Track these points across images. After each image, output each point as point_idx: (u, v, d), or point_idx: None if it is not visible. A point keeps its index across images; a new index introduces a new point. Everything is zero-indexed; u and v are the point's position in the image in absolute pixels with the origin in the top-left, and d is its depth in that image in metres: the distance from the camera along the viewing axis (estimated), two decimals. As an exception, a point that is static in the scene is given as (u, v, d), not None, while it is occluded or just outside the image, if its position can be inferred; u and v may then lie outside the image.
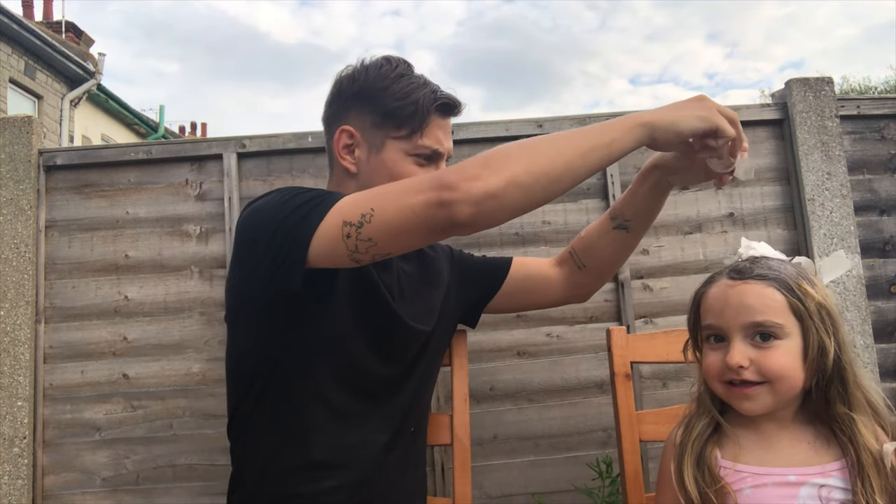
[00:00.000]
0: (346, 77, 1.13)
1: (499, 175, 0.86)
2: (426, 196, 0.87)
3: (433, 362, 1.25)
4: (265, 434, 1.08)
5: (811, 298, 0.88)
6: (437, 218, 0.87)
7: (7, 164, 1.77)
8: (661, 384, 1.78)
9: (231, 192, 1.80)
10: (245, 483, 1.10)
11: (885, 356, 1.80)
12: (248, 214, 1.04)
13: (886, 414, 0.90)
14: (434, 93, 1.10)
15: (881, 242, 1.86)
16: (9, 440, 1.67)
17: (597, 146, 0.91)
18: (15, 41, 9.56)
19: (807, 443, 0.90)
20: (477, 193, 0.85)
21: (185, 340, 1.76)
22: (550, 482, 1.72)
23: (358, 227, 0.90)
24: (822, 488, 0.85)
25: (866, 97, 1.93)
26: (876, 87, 16.69)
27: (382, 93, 1.09)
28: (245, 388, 1.09)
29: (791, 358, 0.87)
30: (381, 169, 1.09)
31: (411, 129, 1.08)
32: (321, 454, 1.06)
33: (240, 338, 1.11)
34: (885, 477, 0.84)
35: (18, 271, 1.74)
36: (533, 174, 0.87)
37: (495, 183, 0.85)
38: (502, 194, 0.86)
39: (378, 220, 0.89)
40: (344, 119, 1.12)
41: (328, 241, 0.92)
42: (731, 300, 0.90)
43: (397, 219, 0.89)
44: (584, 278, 1.27)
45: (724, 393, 0.92)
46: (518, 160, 0.88)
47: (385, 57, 1.13)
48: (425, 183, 0.88)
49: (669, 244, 1.84)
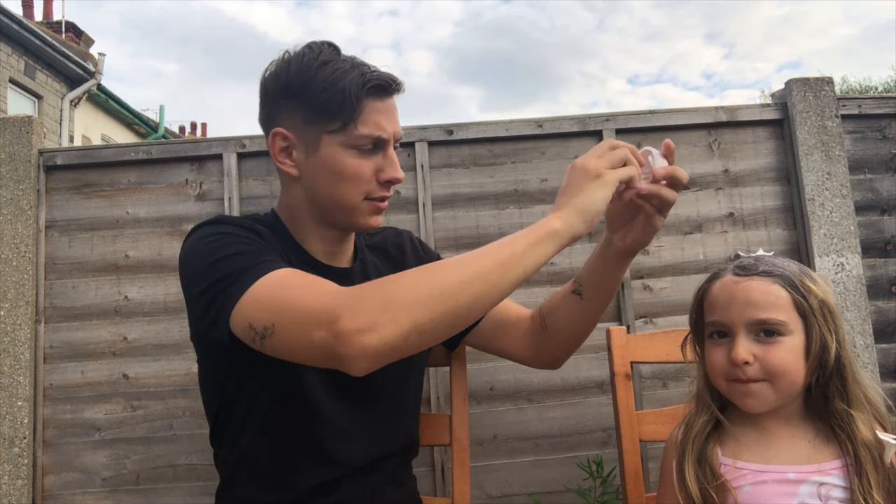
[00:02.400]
0: (271, 76, 1.04)
1: (398, 324, 0.78)
2: (321, 337, 0.80)
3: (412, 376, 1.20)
4: (238, 455, 1.07)
5: (814, 296, 0.88)
6: (329, 363, 0.82)
7: (7, 164, 1.77)
8: (661, 384, 1.78)
9: (231, 192, 1.80)
10: (227, 495, 1.10)
11: (885, 356, 1.79)
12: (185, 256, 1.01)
13: (884, 411, 0.91)
14: (363, 75, 0.99)
15: (882, 242, 1.86)
16: (9, 440, 1.67)
17: (506, 266, 0.83)
18: (15, 41, 9.56)
19: (807, 441, 0.90)
20: (373, 348, 0.78)
21: (185, 340, 1.75)
22: (550, 482, 1.72)
23: (261, 338, 0.86)
24: (822, 486, 0.85)
25: (867, 97, 1.93)
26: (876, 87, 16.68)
27: (307, 85, 0.99)
28: (213, 415, 1.09)
29: (794, 354, 0.88)
30: (321, 168, 1.02)
31: (344, 119, 0.98)
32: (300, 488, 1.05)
33: (201, 362, 1.10)
34: (884, 473, 0.84)
35: (18, 271, 1.74)
36: (435, 318, 0.79)
37: (394, 334, 0.78)
38: (402, 346, 0.79)
39: (278, 339, 0.85)
40: (276, 121, 1.04)
41: (241, 331, 0.89)
42: (737, 296, 0.90)
43: (294, 348, 0.85)
44: (546, 340, 1.17)
45: (726, 389, 0.92)
46: (420, 302, 0.79)
47: (307, 45, 1.03)
48: (322, 317, 0.81)
49: (669, 244, 1.83)
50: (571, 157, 1.86)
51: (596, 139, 1.86)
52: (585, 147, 1.85)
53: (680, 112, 1.87)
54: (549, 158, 1.86)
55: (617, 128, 1.85)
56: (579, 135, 1.86)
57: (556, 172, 1.85)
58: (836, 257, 1.78)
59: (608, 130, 1.85)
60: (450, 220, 1.83)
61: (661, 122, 1.85)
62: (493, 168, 1.85)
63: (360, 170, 1.01)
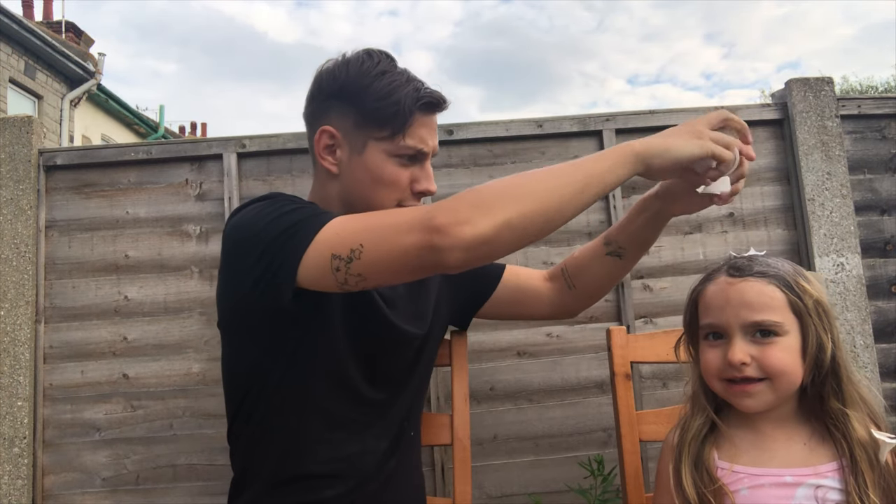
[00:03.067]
0: (327, 73, 1.09)
1: (491, 218, 0.83)
2: (416, 238, 0.84)
3: (428, 366, 1.24)
4: (262, 445, 1.08)
5: (809, 296, 0.88)
6: (427, 262, 0.85)
7: (7, 164, 1.77)
8: (661, 384, 1.78)
9: (231, 192, 1.80)
10: (245, 491, 1.09)
11: (885, 356, 1.79)
12: (235, 226, 1.02)
13: (878, 409, 0.91)
14: (417, 91, 1.06)
15: (882, 242, 1.86)
16: (9, 440, 1.67)
17: (590, 181, 0.89)
18: (15, 41, 9.56)
19: (802, 443, 0.90)
20: (468, 239, 0.82)
21: (185, 340, 1.76)
22: (550, 482, 1.72)
23: (347, 262, 0.88)
24: (819, 489, 0.85)
25: (867, 97, 1.93)
26: (877, 87, 16.69)
27: (363, 92, 1.04)
28: (240, 399, 1.09)
29: (791, 354, 0.87)
30: (362, 171, 1.07)
31: (393, 129, 1.04)
32: (320, 465, 1.06)
33: (232, 348, 1.11)
34: (879, 472, 0.84)
35: (18, 271, 1.74)
36: (526, 216, 0.84)
37: (487, 227, 0.82)
38: (495, 239, 0.83)
39: (368, 257, 0.87)
40: (324, 119, 1.08)
41: (317, 271, 0.90)
42: (732, 298, 0.90)
43: (387, 258, 0.87)
44: (572, 298, 1.26)
45: (722, 391, 0.91)
46: (511, 201, 0.84)
47: (367, 51, 1.08)
48: (415, 222, 0.86)
49: (669, 244, 1.83)
50: (571, 157, 1.86)
51: (596, 139, 1.86)
52: (585, 147, 1.85)
53: (680, 112, 1.87)
54: (549, 158, 1.86)
55: (617, 128, 1.85)
56: (579, 135, 1.86)
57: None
58: (836, 257, 1.78)
59: (608, 130, 1.85)
60: (450, 220, 1.82)
61: (661, 122, 1.85)
62: (493, 168, 1.85)
63: (399, 178, 1.07)
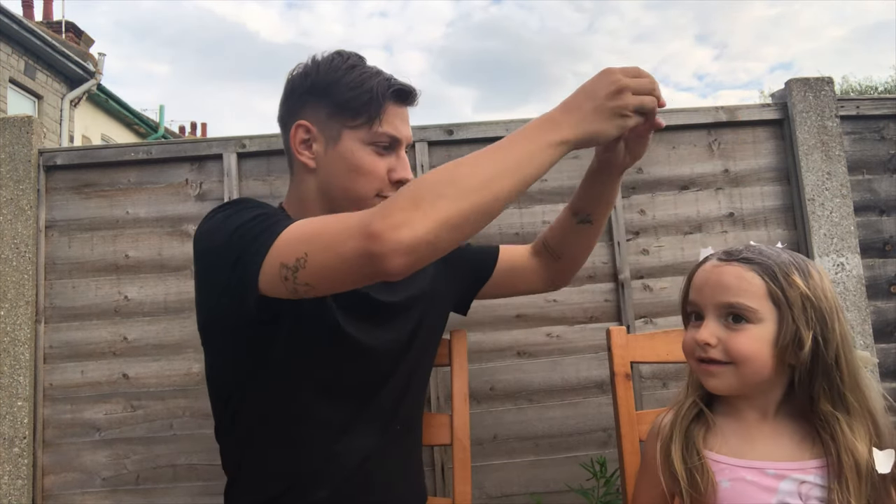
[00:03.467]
0: (298, 74, 1.11)
1: (429, 218, 0.80)
2: (354, 245, 0.82)
3: (421, 360, 1.22)
4: (248, 448, 1.08)
5: (796, 288, 0.86)
6: (366, 268, 0.83)
7: (7, 164, 1.77)
8: (661, 384, 1.78)
9: (231, 192, 1.80)
10: (235, 494, 1.10)
11: (885, 356, 1.80)
12: (202, 236, 1.02)
13: (883, 426, 0.87)
14: (388, 80, 1.09)
15: (881, 242, 1.86)
16: (9, 440, 1.67)
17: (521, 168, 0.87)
18: (15, 41, 9.56)
19: (788, 437, 0.89)
20: (407, 243, 0.79)
21: (185, 340, 1.76)
22: (550, 482, 1.72)
23: (294, 272, 0.87)
24: (803, 484, 0.84)
25: (866, 97, 1.93)
26: (876, 88, 16.70)
27: (335, 84, 1.07)
28: (223, 404, 1.09)
29: (759, 343, 0.87)
30: (339, 161, 1.08)
31: (368, 116, 1.06)
32: (307, 466, 1.06)
33: (211, 354, 1.11)
34: (866, 483, 0.82)
35: (18, 271, 1.74)
36: (463, 212, 0.82)
37: (425, 228, 0.80)
38: (434, 239, 0.81)
39: (312, 266, 0.86)
40: (299, 115, 1.10)
41: (270, 280, 0.89)
42: (711, 279, 0.91)
43: (330, 267, 0.86)
44: (560, 267, 1.31)
45: (695, 368, 0.93)
46: (447, 197, 0.81)
47: (336, 51, 1.12)
48: (353, 229, 0.83)
49: (669, 244, 1.84)
50: (571, 157, 1.85)
51: (596, 139, 1.86)
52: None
53: (680, 112, 1.87)
54: (548, 158, 1.86)
55: (617, 128, 1.85)
56: (579, 135, 1.86)
57: (556, 172, 1.85)
58: (836, 257, 1.78)
59: (608, 130, 1.85)
60: (450, 221, 1.83)
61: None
62: (493, 168, 1.85)
63: (376, 166, 1.08)
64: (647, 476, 1.00)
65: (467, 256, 1.32)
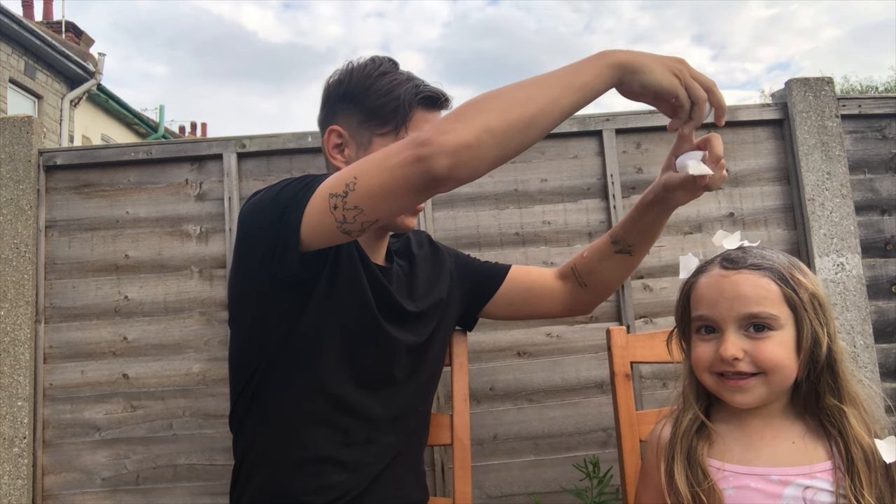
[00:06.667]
0: (334, 82, 1.16)
1: (471, 125, 0.85)
2: (403, 155, 0.87)
3: (437, 359, 1.26)
4: (267, 427, 1.08)
5: (804, 289, 0.86)
6: (415, 174, 0.87)
7: (7, 164, 1.77)
8: (661, 384, 1.78)
9: (231, 192, 1.80)
10: (248, 476, 1.09)
11: (885, 356, 1.79)
12: (246, 210, 1.06)
13: (873, 410, 0.88)
14: (417, 87, 1.12)
15: (882, 242, 1.86)
16: (9, 440, 1.67)
17: (568, 90, 0.90)
18: (15, 41, 9.56)
19: (791, 441, 0.88)
20: (451, 145, 0.85)
21: (185, 340, 1.76)
22: (550, 482, 1.72)
23: (343, 197, 0.91)
24: (808, 490, 0.83)
25: (867, 96, 1.93)
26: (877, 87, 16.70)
27: (366, 92, 1.11)
28: (246, 380, 1.09)
29: (785, 349, 0.85)
30: None
31: (395, 124, 1.10)
32: (326, 450, 1.07)
33: (240, 334, 1.12)
34: (875, 472, 0.82)
35: (18, 271, 1.74)
36: (506, 121, 0.86)
37: (468, 133, 0.85)
38: (476, 144, 0.85)
39: (361, 186, 0.90)
40: (333, 120, 1.15)
41: (317, 217, 0.93)
42: (726, 290, 0.87)
43: (379, 182, 0.89)
44: (586, 296, 1.29)
45: (714, 385, 0.89)
46: (490, 109, 0.87)
47: (371, 57, 1.16)
48: (402, 144, 0.89)
49: (669, 244, 1.83)
50: (571, 158, 1.86)
51: (596, 139, 1.86)
52: (585, 147, 1.86)
53: (680, 112, 1.87)
54: (548, 158, 1.86)
55: (617, 128, 1.85)
56: (579, 135, 1.86)
57: (556, 172, 1.85)
58: (836, 257, 1.78)
59: (608, 130, 1.85)
60: (450, 221, 1.83)
61: (661, 122, 1.85)
62: (493, 168, 1.85)
63: None
64: (647, 483, 0.98)
65: (476, 271, 1.33)
